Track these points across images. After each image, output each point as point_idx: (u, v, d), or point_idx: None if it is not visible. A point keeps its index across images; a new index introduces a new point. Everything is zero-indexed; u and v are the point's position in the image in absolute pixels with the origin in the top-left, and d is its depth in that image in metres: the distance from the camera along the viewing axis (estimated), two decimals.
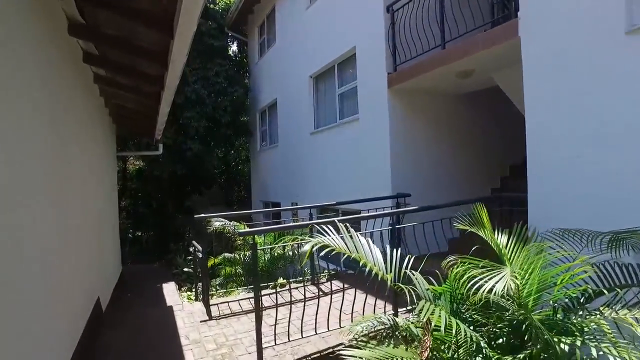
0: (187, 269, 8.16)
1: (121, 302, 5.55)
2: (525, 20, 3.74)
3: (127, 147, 12.23)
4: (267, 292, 4.95)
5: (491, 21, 5.19)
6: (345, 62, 7.76)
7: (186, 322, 4.17)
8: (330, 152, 8.17)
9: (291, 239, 4.49)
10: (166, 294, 6.52)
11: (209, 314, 4.38)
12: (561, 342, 1.95)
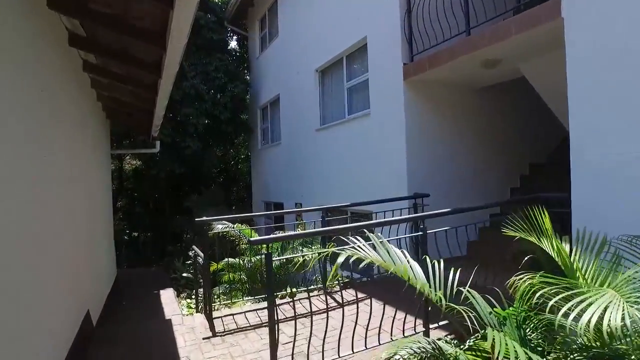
0: (186, 274, 7.70)
1: (115, 313, 5.08)
2: None
3: (122, 145, 11.78)
4: (276, 303, 4.49)
5: (522, 4, 4.70)
6: (355, 54, 7.30)
7: (187, 340, 3.70)
8: (338, 149, 7.71)
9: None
10: (164, 302, 6.04)
11: (212, 329, 3.92)
12: None
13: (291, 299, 4.45)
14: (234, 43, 14.92)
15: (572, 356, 1.98)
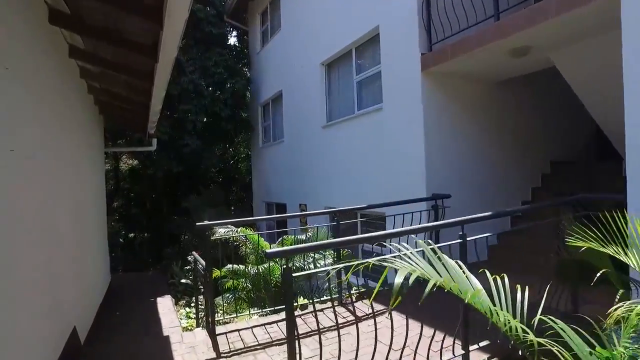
0: (185, 280, 7.23)
1: (107, 327, 4.60)
2: None
3: (118, 144, 11.30)
4: (284, 317, 4.04)
5: None
6: (365, 45, 6.85)
7: None
8: (346, 147, 7.26)
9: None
10: (161, 312, 5.58)
11: (215, 348, 3.46)
12: None
13: (309, 311, 4.00)
14: (233, 39, 14.44)
15: None
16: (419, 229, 2.69)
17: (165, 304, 6.10)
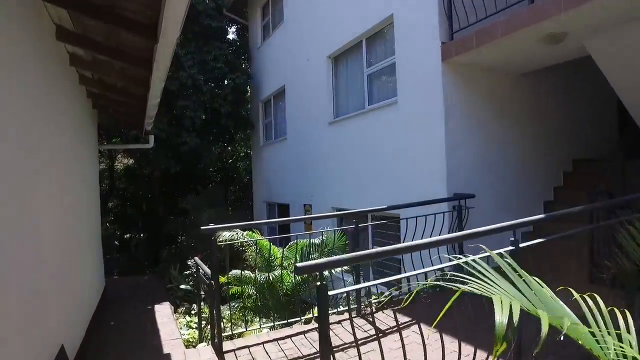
0: (184, 285, 6.80)
1: (100, 341, 4.18)
2: None
3: (113, 142, 10.85)
4: (300, 330, 3.63)
5: None
6: (377, 36, 6.45)
7: None
8: (355, 144, 6.86)
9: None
10: (160, 321, 5.16)
11: None
12: None
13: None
14: (231, 35, 13.99)
15: None
16: (471, 234, 2.27)
17: (163, 312, 5.68)
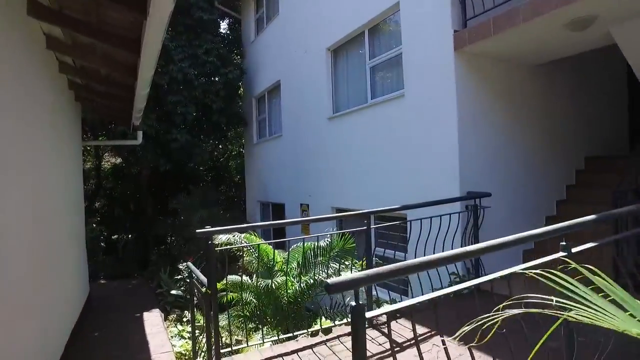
0: (175, 291, 6.36)
1: (80, 358, 3.75)
2: None
3: (98, 139, 10.34)
4: (307, 344, 3.26)
5: None
6: (380, 26, 6.11)
7: None
8: (357, 140, 6.51)
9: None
10: (149, 331, 4.75)
11: None
12: None
13: (334, 336, 3.22)
14: (224, 29, 13.51)
15: None
16: (517, 240, 1.92)
17: (153, 321, 5.26)
